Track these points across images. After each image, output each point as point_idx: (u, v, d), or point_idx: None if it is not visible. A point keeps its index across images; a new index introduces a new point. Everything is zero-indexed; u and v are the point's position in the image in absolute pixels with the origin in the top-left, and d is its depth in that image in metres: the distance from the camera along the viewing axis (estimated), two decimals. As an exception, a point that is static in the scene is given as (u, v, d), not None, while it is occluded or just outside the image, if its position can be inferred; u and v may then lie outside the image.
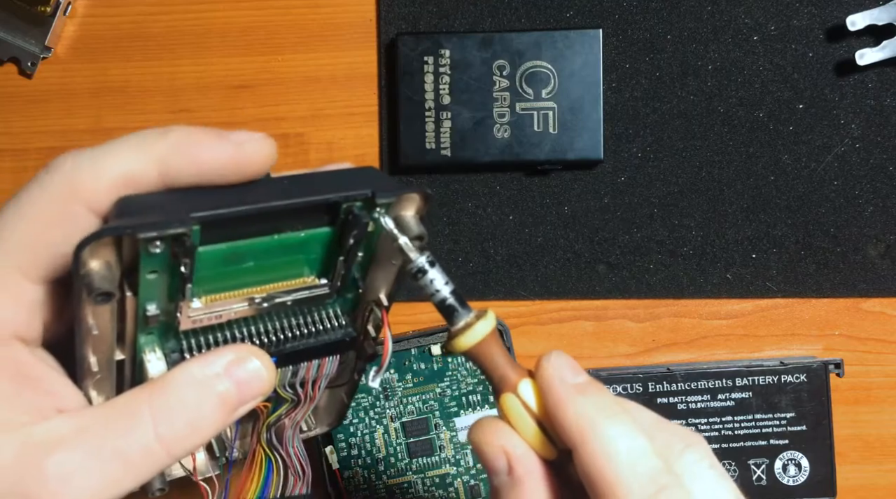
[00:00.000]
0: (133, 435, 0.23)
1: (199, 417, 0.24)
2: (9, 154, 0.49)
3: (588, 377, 0.26)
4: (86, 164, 0.24)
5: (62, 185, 0.24)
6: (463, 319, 0.26)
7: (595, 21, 0.48)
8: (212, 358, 0.25)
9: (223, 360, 0.25)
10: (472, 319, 0.26)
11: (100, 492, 0.23)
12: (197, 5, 0.49)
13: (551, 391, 0.25)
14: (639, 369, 0.48)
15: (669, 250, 0.48)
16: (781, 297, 0.49)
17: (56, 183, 0.24)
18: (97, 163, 0.24)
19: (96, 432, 0.23)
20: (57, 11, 0.47)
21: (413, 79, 0.46)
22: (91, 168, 0.24)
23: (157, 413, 0.23)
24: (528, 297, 0.49)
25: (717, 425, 0.47)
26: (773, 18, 0.48)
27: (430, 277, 0.26)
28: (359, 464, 0.47)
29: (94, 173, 0.24)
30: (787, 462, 0.47)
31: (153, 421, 0.23)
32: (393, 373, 0.47)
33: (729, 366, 0.47)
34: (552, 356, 0.26)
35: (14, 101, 0.49)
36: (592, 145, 0.46)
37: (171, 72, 0.49)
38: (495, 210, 0.49)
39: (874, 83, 0.48)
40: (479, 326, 0.26)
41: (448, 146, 0.47)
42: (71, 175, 0.24)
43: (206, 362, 0.25)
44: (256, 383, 0.25)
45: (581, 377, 0.26)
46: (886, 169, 0.48)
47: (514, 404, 0.26)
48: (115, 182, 0.24)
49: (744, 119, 0.48)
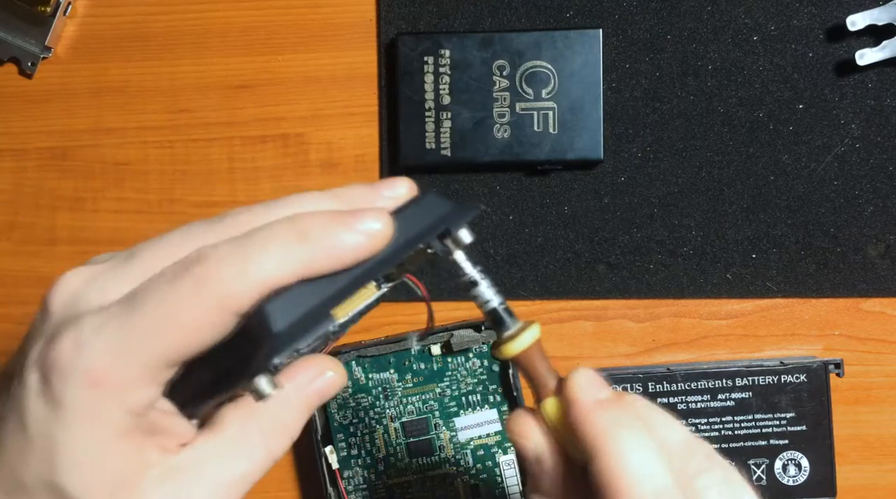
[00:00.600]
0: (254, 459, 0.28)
1: (295, 427, 0.29)
2: (9, 154, 0.49)
3: (612, 393, 0.28)
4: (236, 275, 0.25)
5: (215, 295, 0.25)
6: (512, 328, 0.29)
7: (595, 21, 0.48)
8: (299, 377, 0.29)
9: (307, 376, 0.29)
10: (519, 328, 0.29)
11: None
12: (197, 5, 0.49)
13: (573, 407, 0.27)
14: (639, 369, 0.48)
15: (669, 250, 0.48)
16: (781, 297, 0.49)
17: (207, 289, 0.25)
18: (247, 274, 0.25)
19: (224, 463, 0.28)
20: (57, 11, 0.47)
21: (413, 79, 0.46)
22: (243, 281, 0.25)
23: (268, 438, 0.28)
24: (528, 297, 0.49)
25: (717, 425, 0.47)
26: (773, 18, 0.48)
27: (481, 289, 0.29)
28: (359, 464, 0.47)
29: (246, 286, 0.25)
30: (787, 462, 0.47)
31: (265, 445, 0.28)
32: (393, 373, 0.47)
33: (729, 366, 0.47)
34: (576, 374, 0.28)
35: (14, 101, 0.49)
36: (592, 145, 0.46)
37: (171, 72, 0.49)
38: (495, 210, 0.49)
39: (874, 83, 0.48)
40: (526, 336, 0.29)
41: (448, 146, 0.47)
42: (222, 287, 0.25)
43: (296, 382, 0.29)
44: (333, 388, 0.29)
45: (603, 393, 0.28)
46: (886, 169, 0.48)
47: (552, 408, 0.28)
48: (262, 291, 0.25)
49: (744, 119, 0.48)
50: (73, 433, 0.25)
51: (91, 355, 0.25)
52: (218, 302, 0.25)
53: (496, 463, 0.47)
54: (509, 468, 0.47)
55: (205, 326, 0.25)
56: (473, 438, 0.47)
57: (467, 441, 0.47)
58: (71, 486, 0.26)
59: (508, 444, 0.47)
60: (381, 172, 0.49)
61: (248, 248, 0.26)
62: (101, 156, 0.49)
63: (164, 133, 0.49)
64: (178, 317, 0.25)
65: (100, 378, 0.25)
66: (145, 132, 0.49)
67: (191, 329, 0.25)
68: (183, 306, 0.25)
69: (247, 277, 0.25)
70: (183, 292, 0.25)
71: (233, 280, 0.25)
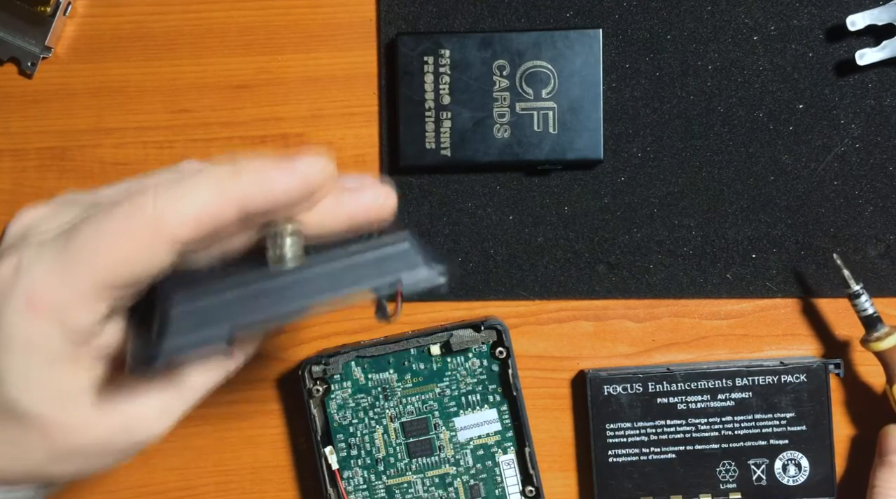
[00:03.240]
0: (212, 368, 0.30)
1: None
2: (9, 154, 0.49)
3: None
4: (168, 204, 0.26)
5: (147, 223, 0.26)
6: (883, 329, 0.45)
7: (595, 21, 0.48)
8: None
9: None
10: (888, 330, 0.44)
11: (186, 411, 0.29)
12: (197, 5, 0.49)
13: None
14: (639, 369, 0.48)
15: (669, 250, 0.48)
16: (781, 297, 0.49)
17: (140, 219, 0.26)
18: (179, 204, 0.26)
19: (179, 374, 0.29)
20: (57, 11, 0.47)
21: (413, 79, 0.46)
22: (174, 210, 0.26)
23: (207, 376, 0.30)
24: (528, 297, 0.49)
25: (717, 425, 0.47)
26: (773, 18, 0.48)
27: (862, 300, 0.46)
28: (359, 464, 0.47)
29: (178, 214, 0.26)
30: (787, 462, 0.47)
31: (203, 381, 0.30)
32: (392, 373, 0.47)
33: (729, 366, 0.47)
34: None
35: (14, 101, 0.49)
36: (592, 145, 0.46)
37: (171, 72, 0.49)
38: (495, 210, 0.49)
39: (874, 83, 0.48)
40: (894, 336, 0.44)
41: (448, 146, 0.47)
42: (154, 214, 0.26)
43: None
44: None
45: None
46: (886, 169, 0.48)
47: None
48: (199, 224, 0.26)
49: (744, 119, 0.48)
50: (15, 353, 0.27)
51: (28, 279, 0.27)
52: (151, 229, 0.26)
53: (496, 463, 0.47)
54: (509, 468, 0.47)
55: (138, 254, 0.26)
56: (473, 438, 0.47)
57: (467, 441, 0.47)
58: (17, 396, 0.27)
59: (508, 444, 0.47)
60: (381, 172, 0.49)
61: (185, 180, 0.27)
62: (101, 156, 0.49)
63: (164, 133, 0.49)
64: (111, 242, 0.26)
65: (36, 300, 0.26)
66: (145, 132, 0.49)
67: (124, 255, 0.26)
68: (116, 232, 0.26)
69: (179, 205, 0.26)
70: (117, 219, 0.26)
71: (165, 207, 0.26)
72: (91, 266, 0.26)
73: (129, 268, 0.26)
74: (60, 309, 0.27)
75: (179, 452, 0.49)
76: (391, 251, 0.29)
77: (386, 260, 0.29)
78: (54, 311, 0.27)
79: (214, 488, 0.49)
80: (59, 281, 0.26)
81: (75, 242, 0.27)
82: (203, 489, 0.49)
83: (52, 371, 0.27)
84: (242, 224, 0.28)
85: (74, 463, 0.28)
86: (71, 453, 0.28)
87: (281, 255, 0.28)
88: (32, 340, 0.27)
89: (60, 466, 0.28)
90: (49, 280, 0.27)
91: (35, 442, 0.28)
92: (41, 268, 0.27)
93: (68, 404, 0.28)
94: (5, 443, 0.28)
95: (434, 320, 0.49)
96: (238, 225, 0.28)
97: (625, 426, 0.47)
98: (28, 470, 0.28)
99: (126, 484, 0.49)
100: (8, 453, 0.28)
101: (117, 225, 0.26)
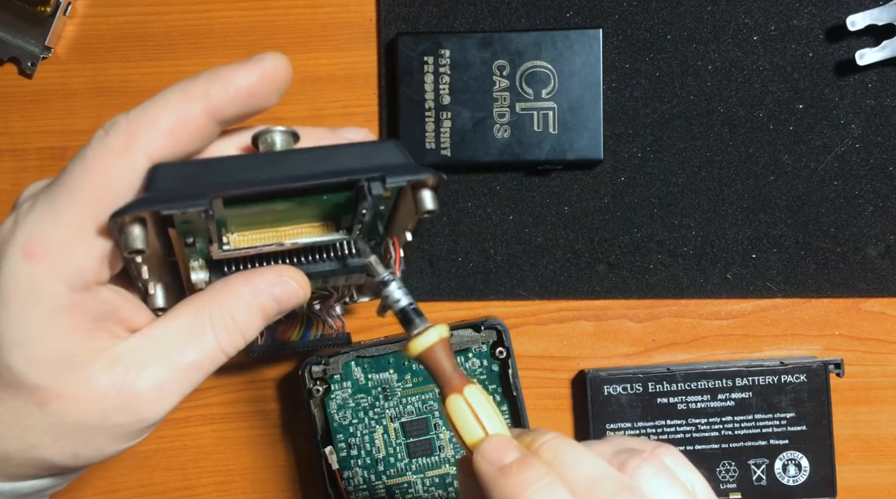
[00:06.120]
0: (203, 349, 0.29)
1: (248, 328, 0.30)
2: (9, 154, 0.49)
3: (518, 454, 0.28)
4: (139, 116, 0.27)
5: (121, 138, 0.27)
6: (419, 327, 0.31)
7: (595, 21, 0.48)
8: (257, 280, 0.30)
9: (265, 281, 0.30)
10: (425, 328, 0.31)
11: (182, 394, 0.29)
12: (197, 5, 0.49)
13: (480, 479, 0.28)
14: (639, 369, 0.48)
15: (669, 250, 0.48)
16: (781, 297, 0.49)
17: (115, 137, 0.27)
18: (149, 113, 0.27)
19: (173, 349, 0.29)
20: (57, 11, 0.47)
21: (413, 79, 0.46)
22: (145, 119, 0.27)
23: (218, 331, 0.29)
24: (528, 297, 0.49)
25: (717, 425, 0.47)
26: (773, 18, 0.48)
27: (391, 289, 0.31)
28: (359, 464, 0.47)
29: (149, 123, 0.27)
30: (787, 462, 0.47)
31: (215, 337, 0.29)
32: (392, 373, 0.47)
33: (729, 366, 0.47)
34: (482, 445, 0.28)
35: (14, 101, 0.49)
36: (592, 145, 0.46)
37: (171, 72, 0.49)
38: (495, 210, 0.49)
39: (874, 83, 0.48)
40: (431, 334, 0.30)
41: (448, 146, 0.47)
42: (127, 128, 0.27)
43: (253, 284, 0.30)
44: (293, 298, 0.31)
45: (510, 456, 0.28)
46: (886, 169, 0.48)
47: (458, 405, 0.29)
48: (170, 128, 0.27)
49: (744, 119, 0.48)
50: (14, 308, 0.27)
51: (24, 228, 0.27)
52: (124, 145, 0.27)
53: (496, 463, 0.47)
54: (509, 468, 0.47)
55: (119, 175, 0.27)
56: (473, 438, 0.47)
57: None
58: (14, 362, 0.27)
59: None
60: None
61: (153, 97, 0.28)
62: (101, 156, 0.49)
63: (164, 133, 0.49)
64: (90, 168, 0.27)
65: (33, 247, 0.27)
66: (145, 132, 0.49)
67: (104, 176, 0.27)
68: (95, 161, 0.27)
69: (147, 115, 0.27)
70: (94, 149, 0.27)
71: (135, 120, 0.27)
72: (77, 198, 0.27)
73: (111, 191, 0.27)
74: (56, 251, 0.27)
75: (179, 452, 0.49)
76: (378, 146, 0.30)
77: (372, 150, 0.30)
78: (50, 254, 0.27)
79: (214, 488, 0.49)
80: (52, 222, 0.27)
81: (61, 179, 0.27)
82: (203, 489, 0.49)
83: (51, 328, 0.27)
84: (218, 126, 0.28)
85: (75, 442, 0.28)
86: (70, 429, 0.28)
87: (271, 142, 0.29)
88: (31, 287, 0.27)
89: (61, 445, 0.28)
90: (42, 224, 0.27)
91: (33, 414, 0.28)
92: (35, 215, 0.27)
93: (66, 372, 0.28)
94: (4, 414, 0.28)
95: (434, 320, 0.48)
96: (212, 127, 0.28)
97: (625, 426, 0.47)
98: (30, 447, 0.28)
99: (126, 484, 0.49)
100: (7, 430, 0.28)
101: (95, 151, 0.27)
